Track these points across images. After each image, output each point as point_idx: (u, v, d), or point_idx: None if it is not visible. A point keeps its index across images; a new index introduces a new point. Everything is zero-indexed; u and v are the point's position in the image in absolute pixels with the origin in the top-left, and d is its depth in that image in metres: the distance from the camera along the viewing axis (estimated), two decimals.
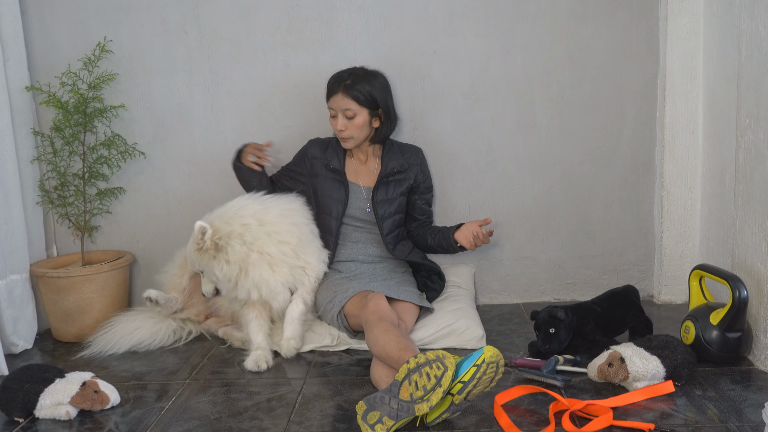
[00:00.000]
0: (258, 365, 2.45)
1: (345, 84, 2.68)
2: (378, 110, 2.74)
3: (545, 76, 3.03)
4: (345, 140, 2.75)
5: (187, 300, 2.89)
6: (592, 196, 3.10)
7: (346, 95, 2.68)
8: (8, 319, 2.72)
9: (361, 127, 2.72)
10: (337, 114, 2.70)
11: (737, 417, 1.99)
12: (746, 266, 2.40)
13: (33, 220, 3.02)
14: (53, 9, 3.04)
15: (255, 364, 2.46)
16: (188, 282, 2.86)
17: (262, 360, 2.47)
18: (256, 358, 2.48)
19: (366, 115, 2.72)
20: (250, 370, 2.45)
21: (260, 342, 2.55)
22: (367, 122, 2.73)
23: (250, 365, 2.47)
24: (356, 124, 2.71)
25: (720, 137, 2.79)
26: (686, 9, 2.87)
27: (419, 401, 1.88)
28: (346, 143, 2.76)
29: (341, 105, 2.69)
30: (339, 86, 2.69)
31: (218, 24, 3.04)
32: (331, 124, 2.75)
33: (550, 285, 3.17)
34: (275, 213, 2.62)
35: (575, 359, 2.37)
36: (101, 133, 3.07)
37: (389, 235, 2.80)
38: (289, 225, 2.63)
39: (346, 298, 2.56)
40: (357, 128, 2.72)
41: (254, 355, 2.50)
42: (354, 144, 2.76)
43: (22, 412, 2.17)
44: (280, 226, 2.59)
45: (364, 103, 2.69)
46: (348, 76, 2.70)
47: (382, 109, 2.74)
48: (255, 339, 2.56)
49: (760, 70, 2.29)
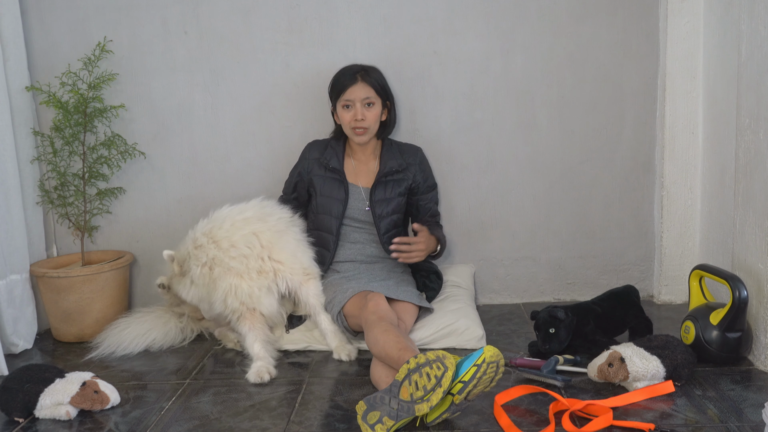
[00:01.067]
0: (260, 377, 2.37)
1: (361, 74, 2.72)
2: (387, 102, 2.79)
3: (545, 76, 3.03)
4: (362, 132, 2.73)
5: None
6: (592, 196, 3.10)
7: (366, 83, 2.71)
8: (8, 319, 2.72)
9: (376, 118, 2.75)
10: (355, 104, 2.70)
11: (737, 417, 1.99)
12: (746, 266, 2.40)
13: (33, 220, 3.02)
14: (53, 9, 3.04)
15: (257, 376, 2.37)
16: None
17: (263, 371, 2.39)
18: (258, 370, 2.39)
19: (380, 106, 2.76)
20: (253, 383, 2.36)
21: (258, 352, 2.48)
22: (380, 113, 2.77)
23: (252, 378, 2.38)
24: (374, 114, 2.73)
25: (720, 137, 2.79)
26: (686, 9, 2.87)
27: (419, 401, 1.88)
28: (362, 136, 2.74)
29: (361, 94, 2.70)
30: (356, 76, 2.71)
31: (218, 24, 3.04)
32: (343, 119, 2.74)
33: (550, 285, 3.17)
34: (226, 227, 2.56)
35: (575, 359, 2.37)
36: (101, 133, 3.07)
37: (386, 234, 2.79)
38: (246, 235, 2.55)
39: (346, 299, 2.56)
40: (374, 118, 2.74)
41: (255, 366, 2.42)
42: (369, 137, 2.76)
43: (22, 412, 2.17)
44: (234, 239, 2.54)
45: (380, 92, 2.75)
46: (359, 68, 2.75)
47: (391, 99, 2.80)
48: (252, 351, 2.49)
49: (760, 70, 2.29)
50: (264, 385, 2.35)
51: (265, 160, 3.11)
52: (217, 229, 2.57)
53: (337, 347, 2.56)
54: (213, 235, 2.56)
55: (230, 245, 2.54)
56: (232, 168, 3.12)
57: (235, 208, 2.66)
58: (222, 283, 2.51)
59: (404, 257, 2.63)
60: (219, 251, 2.53)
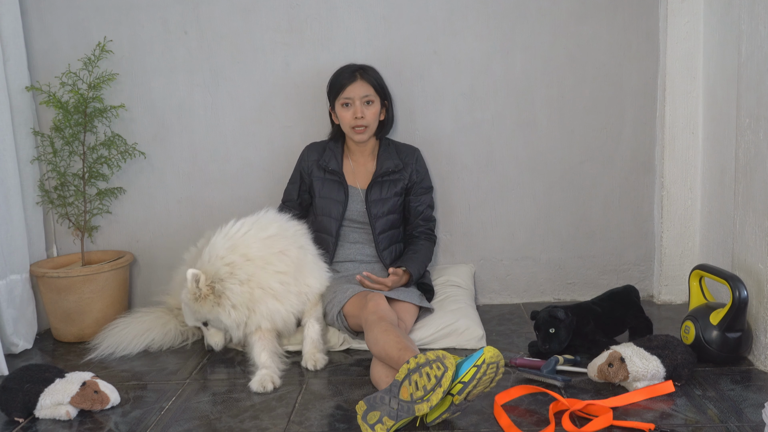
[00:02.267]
0: (264, 386, 2.30)
1: (360, 72, 2.74)
2: (385, 101, 2.80)
3: (545, 76, 3.03)
4: (362, 130, 2.73)
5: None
6: (592, 196, 3.10)
7: (365, 81, 2.72)
8: (8, 319, 2.72)
9: (375, 116, 2.76)
10: (354, 102, 2.71)
11: (737, 417, 1.99)
12: (746, 266, 2.40)
13: (33, 220, 3.02)
14: (53, 9, 3.03)
15: (260, 384, 2.30)
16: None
17: (267, 380, 2.32)
18: (261, 379, 2.32)
19: (379, 104, 2.77)
20: (256, 392, 2.29)
21: (265, 361, 2.40)
22: (378, 111, 2.78)
23: (255, 386, 2.31)
24: (373, 112, 2.74)
25: (720, 137, 2.79)
26: (686, 9, 2.87)
27: (419, 401, 1.88)
28: (362, 134, 2.74)
29: (361, 92, 2.71)
30: (355, 74, 2.73)
31: (218, 24, 3.04)
32: (342, 117, 2.74)
33: (550, 285, 3.17)
34: (256, 247, 2.47)
35: (575, 359, 2.37)
36: (101, 133, 3.07)
37: (381, 235, 2.79)
38: (276, 254, 2.49)
39: (346, 299, 2.56)
40: (373, 116, 2.75)
41: (259, 375, 2.35)
42: (368, 135, 2.77)
43: (22, 412, 2.17)
44: (269, 257, 2.47)
45: (379, 90, 2.77)
46: (358, 67, 2.77)
47: (389, 100, 2.82)
48: (259, 360, 2.41)
49: (760, 70, 2.29)
50: None
51: (265, 160, 3.11)
52: (245, 247, 2.45)
53: (308, 353, 2.50)
54: (245, 253, 2.44)
55: (266, 263, 2.46)
56: (232, 168, 3.12)
57: (254, 223, 2.53)
58: (262, 307, 2.43)
59: (367, 285, 2.58)
60: (257, 269, 2.43)
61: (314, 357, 2.49)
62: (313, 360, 2.48)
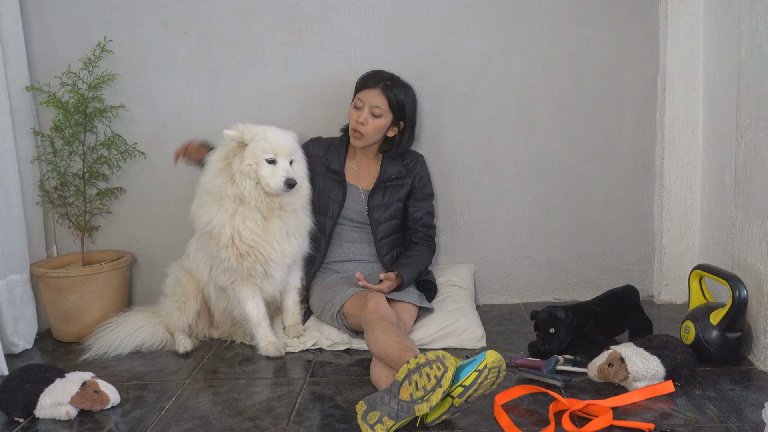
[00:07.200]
0: (279, 351, 2.58)
1: (385, 83, 2.71)
2: (399, 121, 2.75)
3: (545, 76, 3.03)
4: (358, 136, 2.72)
5: (197, 321, 2.81)
6: (592, 196, 3.10)
7: (382, 93, 2.69)
8: (8, 319, 2.72)
9: (378, 130, 2.72)
10: (364, 107, 2.70)
11: (737, 417, 1.99)
12: (746, 266, 2.40)
13: (33, 220, 3.02)
14: (53, 9, 3.04)
15: (276, 350, 2.59)
16: (194, 307, 2.76)
17: (281, 347, 2.60)
18: (276, 346, 2.60)
19: (388, 121, 2.73)
20: (272, 356, 2.57)
21: (261, 321, 2.65)
22: (385, 127, 2.74)
23: (271, 351, 2.59)
24: (377, 125, 2.71)
25: (720, 137, 2.79)
26: (686, 9, 2.87)
27: (419, 401, 1.88)
28: (357, 140, 2.74)
29: (373, 101, 2.69)
30: (378, 83, 2.71)
31: (218, 24, 3.04)
32: (350, 115, 2.74)
33: (550, 285, 3.17)
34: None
35: (575, 359, 2.37)
36: (101, 133, 3.07)
37: (383, 240, 2.79)
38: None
39: (346, 298, 2.56)
40: (375, 129, 2.71)
41: (265, 343, 2.61)
42: (363, 144, 2.75)
43: (22, 412, 2.17)
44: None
45: (394, 108, 2.72)
46: (389, 78, 2.74)
47: (408, 121, 2.77)
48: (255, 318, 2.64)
49: (760, 70, 2.29)
50: (264, 385, 2.35)
51: None
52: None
53: (290, 327, 2.74)
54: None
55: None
56: None
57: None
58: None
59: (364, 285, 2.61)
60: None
61: (296, 329, 2.71)
62: (295, 332, 2.71)
